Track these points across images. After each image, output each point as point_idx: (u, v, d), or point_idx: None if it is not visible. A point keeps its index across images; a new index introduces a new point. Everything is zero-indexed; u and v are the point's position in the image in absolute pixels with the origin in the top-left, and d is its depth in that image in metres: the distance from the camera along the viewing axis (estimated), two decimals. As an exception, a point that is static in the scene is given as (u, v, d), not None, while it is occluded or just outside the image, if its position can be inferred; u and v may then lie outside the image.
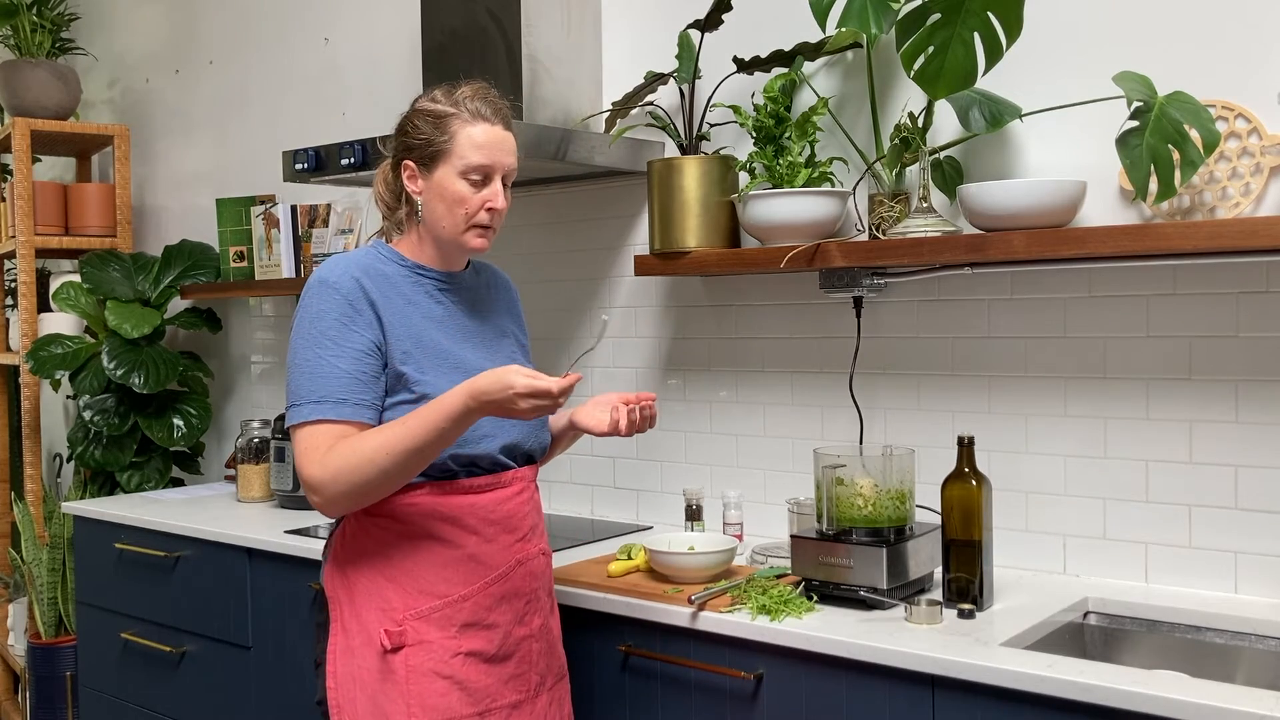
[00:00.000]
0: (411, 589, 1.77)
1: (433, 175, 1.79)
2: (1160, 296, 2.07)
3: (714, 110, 2.54)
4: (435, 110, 1.79)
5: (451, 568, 1.79)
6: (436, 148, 1.77)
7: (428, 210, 1.80)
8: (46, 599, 3.71)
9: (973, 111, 2.11)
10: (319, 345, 1.72)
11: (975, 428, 2.27)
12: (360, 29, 3.41)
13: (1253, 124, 1.96)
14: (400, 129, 1.84)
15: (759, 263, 2.32)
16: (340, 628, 1.79)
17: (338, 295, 1.74)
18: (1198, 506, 2.04)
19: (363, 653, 1.76)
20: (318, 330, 1.73)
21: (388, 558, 1.78)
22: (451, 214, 1.79)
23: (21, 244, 3.85)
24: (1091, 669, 1.60)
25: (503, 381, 1.62)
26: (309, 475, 1.70)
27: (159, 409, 3.70)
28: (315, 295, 1.75)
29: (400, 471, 1.69)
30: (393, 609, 1.77)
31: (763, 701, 1.90)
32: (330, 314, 1.73)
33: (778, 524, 2.53)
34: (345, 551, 1.82)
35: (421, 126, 1.79)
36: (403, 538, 1.78)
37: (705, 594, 1.98)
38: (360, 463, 1.67)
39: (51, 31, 4.03)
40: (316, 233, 3.40)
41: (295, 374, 1.73)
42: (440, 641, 1.77)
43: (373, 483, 1.69)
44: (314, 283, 1.76)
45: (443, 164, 1.77)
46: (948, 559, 1.96)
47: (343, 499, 1.70)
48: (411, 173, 1.81)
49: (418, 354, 1.78)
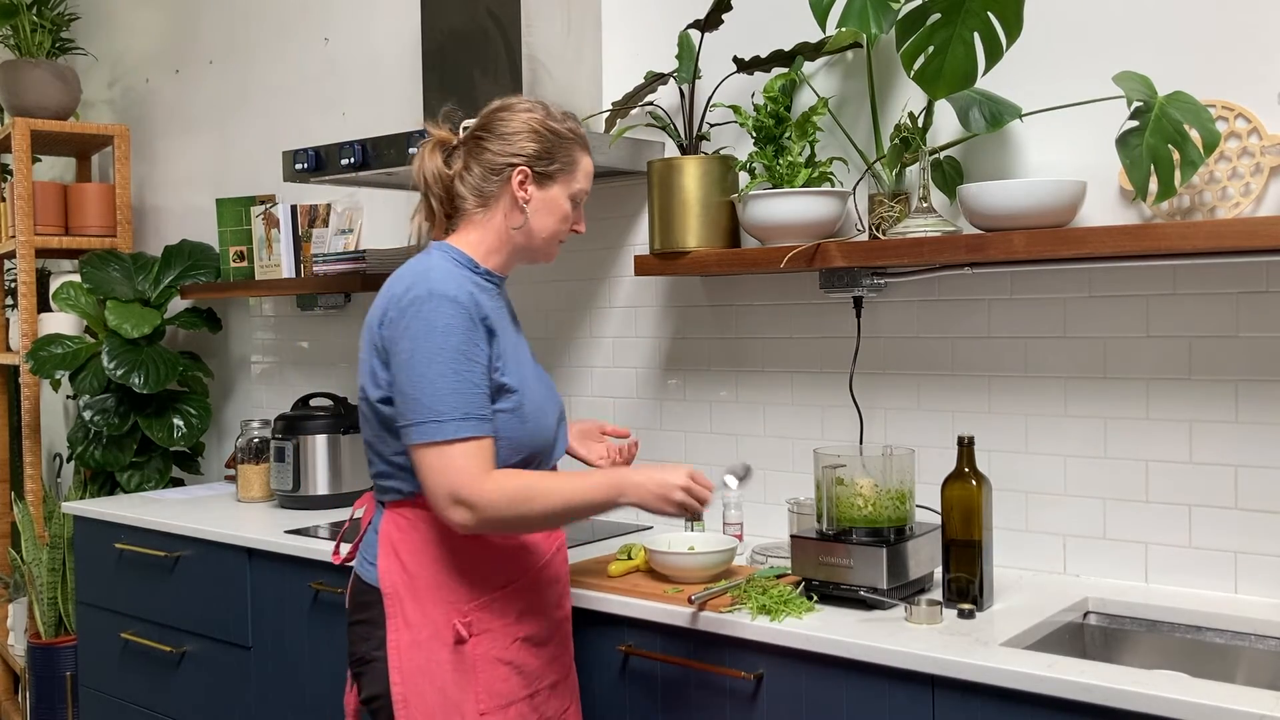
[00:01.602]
0: (475, 579, 1.82)
1: (547, 190, 1.86)
2: (1160, 296, 2.07)
3: (714, 110, 2.54)
4: (559, 130, 1.86)
5: (508, 556, 1.85)
6: (559, 166, 1.86)
7: (534, 219, 1.86)
8: (46, 599, 3.71)
9: (973, 111, 2.11)
10: (454, 360, 1.72)
11: (975, 428, 2.27)
12: (360, 29, 3.41)
13: (1253, 124, 1.96)
14: (506, 132, 1.84)
15: (759, 263, 2.32)
16: (402, 622, 1.80)
17: (461, 310, 1.74)
18: (1198, 506, 2.04)
19: (430, 645, 1.79)
20: (450, 345, 1.72)
21: (451, 549, 1.81)
22: (554, 228, 1.88)
23: (21, 244, 3.85)
24: (1091, 669, 1.60)
25: (664, 483, 1.78)
26: (470, 493, 1.70)
27: (159, 409, 3.70)
28: (438, 309, 1.73)
29: (550, 524, 1.81)
30: (458, 600, 1.81)
31: (763, 701, 1.90)
32: (458, 329, 1.73)
33: (778, 524, 2.53)
34: (402, 546, 1.82)
35: (550, 143, 1.85)
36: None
37: (705, 594, 1.98)
38: (529, 500, 1.74)
39: (51, 31, 4.04)
40: (316, 233, 3.41)
41: (429, 388, 1.71)
42: (501, 628, 1.82)
43: (527, 522, 1.77)
44: (430, 295, 1.74)
45: (560, 183, 1.86)
46: (948, 559, 1.96)
47: (491, 525, 1.74)
48: (524, 179, 1.84)
49: (510, 363, 1.84)
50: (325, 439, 3.06)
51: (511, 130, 1.84)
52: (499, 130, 1.84)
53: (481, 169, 1.84)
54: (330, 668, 2.59)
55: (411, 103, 3.15)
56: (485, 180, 1.84)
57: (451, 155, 1.88)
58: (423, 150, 1.88)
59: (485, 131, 1.85)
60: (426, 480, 1.73)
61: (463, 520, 1.72)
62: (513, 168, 1.83)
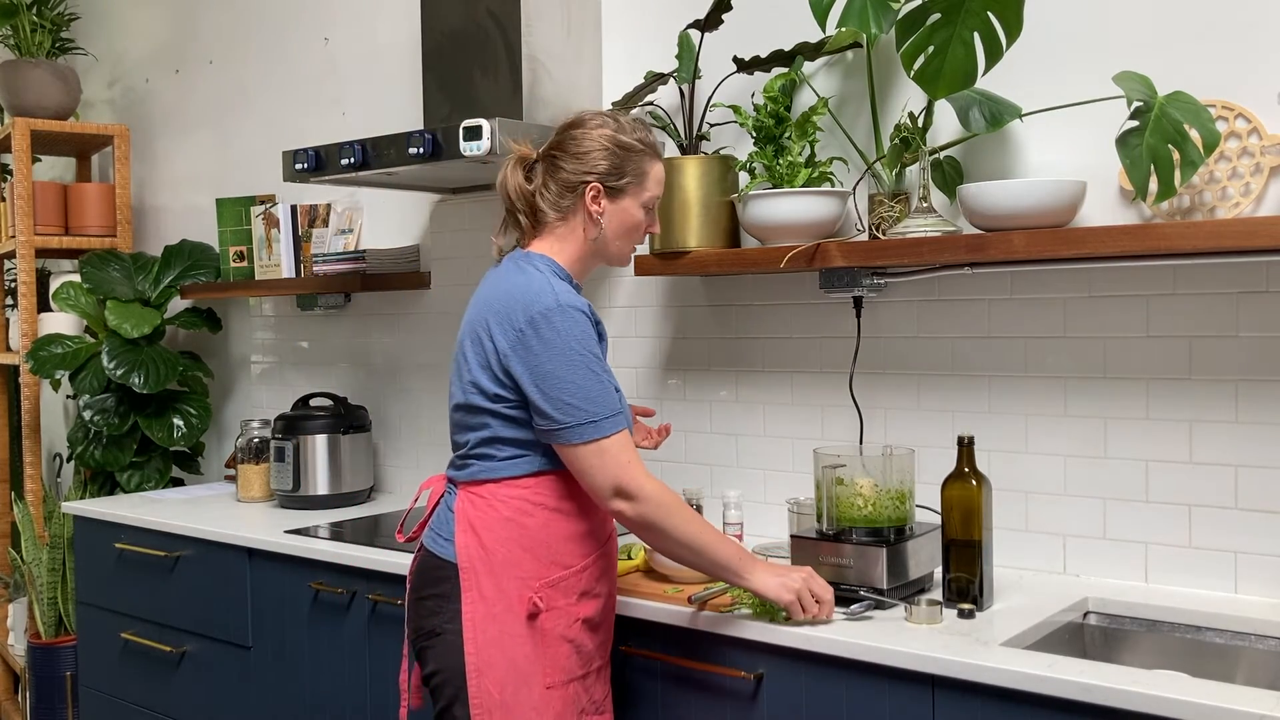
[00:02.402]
0: (545, 559, 1.89)
1: (618, 202, 1.95)
2: (1160, 296, 2.07)
3: (714, 110, 2.54)
4: (629, 145, 1.94)
5: (575, 540, 1.92)
6: (630, 179, 1.95)
7: (608, 230, 1.96)
8: (46, 599, 3.71)
9: (973, 111, 2.11)
10: (593, 363, 1.85)
11: (975, 428, 2.27)
12: (360, 29, 3.41)
13: (1253, 124, 1.96)
14: (579, 151, 1.93)
15: (759, 263, 2.32)
16: (478, 595, 1.88)
17: (586, 319, 1.87)
18: (1198, 506, 2.04)
19: (505, 618, 1.87)
20: (587, 351, 1.85)
21: (524, 528, 1.89)
22: (629, 238, 1.99)
23: (21, 244, 3.85)
24: (1091, 669, 1.60)
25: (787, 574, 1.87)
26: (631, 483, 1.83)
27: (159, 409, 3.70)
28: (569, 320, 1.84)
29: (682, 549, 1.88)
30: (529, 577, 1.89)
31: (763, 701, 1.90)
32: (590, 336, 1.86)
33: (778, 524, 2.53)
34: (479, 522, 1.91)
35: (620, 158, 1.94)
36: (538, 508, 1.90)
37: (705, 594, 1.98)
38: (678, 510, 1.86)
39: (51, 31, 4.03)
40: (316, 233, 3.41)
41: (579, 392, 1.82)
42: (565, 608, 1.90)
43: (670, 534, 1.85)
44: (559, 307, 1.84)
45: (630, 194, 1.96)
46: (948, 559, 1.96)
47: (644, 519, 1.83)
48: (597, 194, 1.93)
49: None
50: (325, 439, 3.06)
51: (584, 149, 1.94)
52: (572, 149, 1.94)
53: (558, 186, 1.95)
54: (330, 668, 2.59)
55: (411, 103, 3.15)
56: (562, 196, 1.95)
57: (531, 171, 1.98)
58: (505, 167, 1.98)
59: (559, 150, 1.96)
60: (590, 477, 1.84)
61: (624, 510, 1.84)
62: (585, 184, 1.93)
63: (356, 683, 2.54)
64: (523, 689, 1.86)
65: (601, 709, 1.97)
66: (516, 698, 1.86)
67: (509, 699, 1.86)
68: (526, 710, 1.86)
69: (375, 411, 3.34)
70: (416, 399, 3.28)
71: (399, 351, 3.33)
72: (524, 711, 1.86)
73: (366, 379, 3.42)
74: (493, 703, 1.86)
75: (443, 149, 2.50)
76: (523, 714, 1.86)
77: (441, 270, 3.20)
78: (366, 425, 3.19)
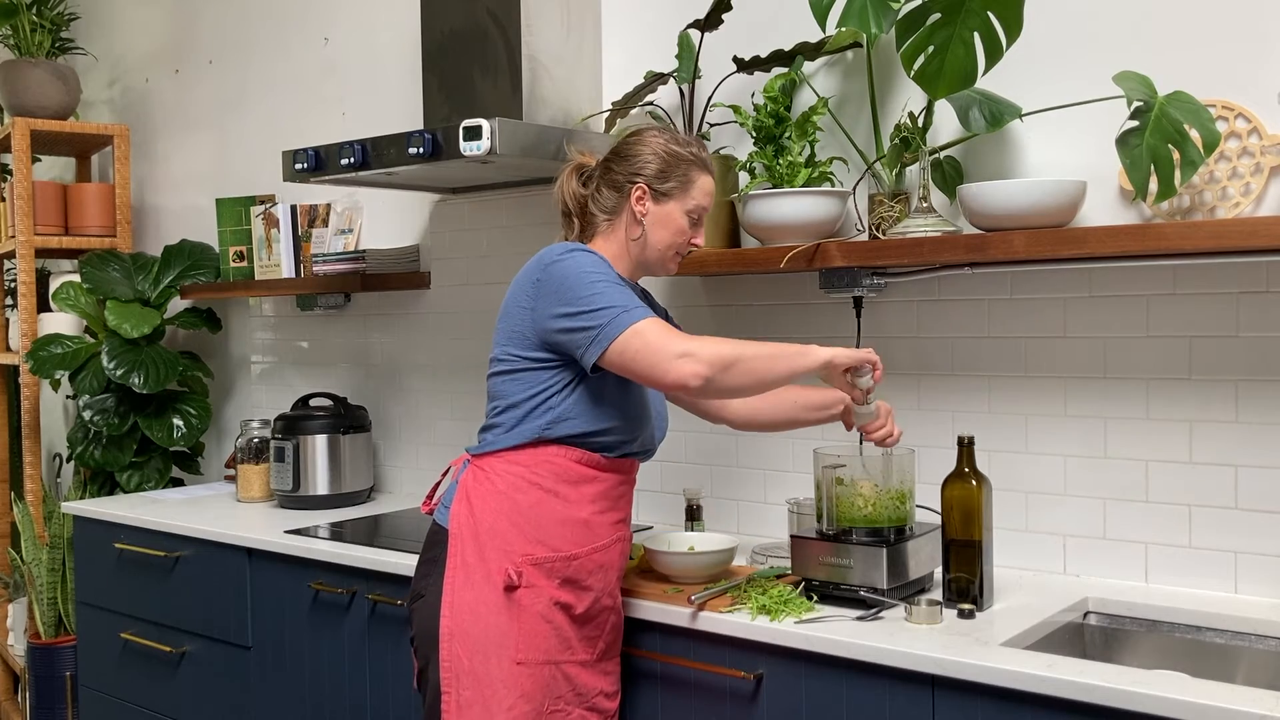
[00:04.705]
0: (531, 536, 1.92)
1: (663, 206, 1.99)
2: (1160, 296, 2.07)
3: (714, 110, 2.54)
4: (679, 153, 2.00)
5: (567, 526, 1.94)
6: (675, 184, 1.99)
7: (651, 232, 2.00)
8: (46, 599, 3.71)
9: (973, 111, 2.11)
10: (613, 281, 1.88)
11: (975, 428, 2.27)
12: (360, 29, 3.41)
13: (1253, 124, 1.96)
14: (630, 154, 2.00)
15: (759, 263, 2.32)
16: (460, 561, 1.92)
17: (599, 258, 1.92)
18: (1198, 506, 2.04)
19: (482, 586, 1.91)
20: (602, 273, 1.88)
21: (515, 503, 1.93)
22: (669, 241, 2.01)
23: (21, 244, 3.85)
24: (1091, 669, 1.60)
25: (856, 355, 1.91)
26: (685, 344, 1.80)
27: (159, 409, 3.70)
28: (580, 254, 1.90)
29: (763, 375, 1.85)
30: (512, 550, 1.91)
31: (763, 701, 1.90)
32: (604, 264, 1.90)
33: (778, 524, 2.53)
34: (474, 492, 1.95)
35: (668, 163, 1.99)
36: (533, 486, 1.93)
37: (705, 594, 1.98)
38: (737, 345, 1.83)
39: (51, 31, 4.03)
40: (316, 233, 3.41)
41: (600, 298, 1.84)
42: (545, 588, 1.92)
43: (746, 367, 1.82)
44: (569, 251, 1.90)
45: (675, 199, 1.99)
46: (948, 559, 1.96)
47: (718, 369, 1.80)
48: (642, 194, 1.99)
49: None
50: (325, 439, 3.06)
51: (635, 153, 2.01)
52: (625, 154, 2.02)
53: (609, 188, 2.02)
54: (330, 668, 2.59)
55: (411, 103, 3.15)
56: (610, 198, 2.02)
57: (588, 178, 2.05)
58: (563, 174, 2.06)
59: (615, 155, 2.03)
60: (642, 360, 1.81)
61: (695, 370, 1.79)
62: (633, 184, 1.99)
63: (356, 683, 2.54)
64: (492, 659, 1.88)
65: (593, 706, 1.97)
66: (486, 666, 1.88)
67: (478, 667, 1.88)
68: (494, 682, 1.88)
69: (375, 411, 3.34)
70: (416, 399, 3.28)
71: (399, 351, 3.33)
72: (491, 682, 1.88)
73: (366, 379, 3.42)
74: (461, 668, 1.88)
75: (443, 149, 2.50)
76: (490, 684, 1.88)
77: (441, 270, 3.20)
78: (366, 425, 3.19)
